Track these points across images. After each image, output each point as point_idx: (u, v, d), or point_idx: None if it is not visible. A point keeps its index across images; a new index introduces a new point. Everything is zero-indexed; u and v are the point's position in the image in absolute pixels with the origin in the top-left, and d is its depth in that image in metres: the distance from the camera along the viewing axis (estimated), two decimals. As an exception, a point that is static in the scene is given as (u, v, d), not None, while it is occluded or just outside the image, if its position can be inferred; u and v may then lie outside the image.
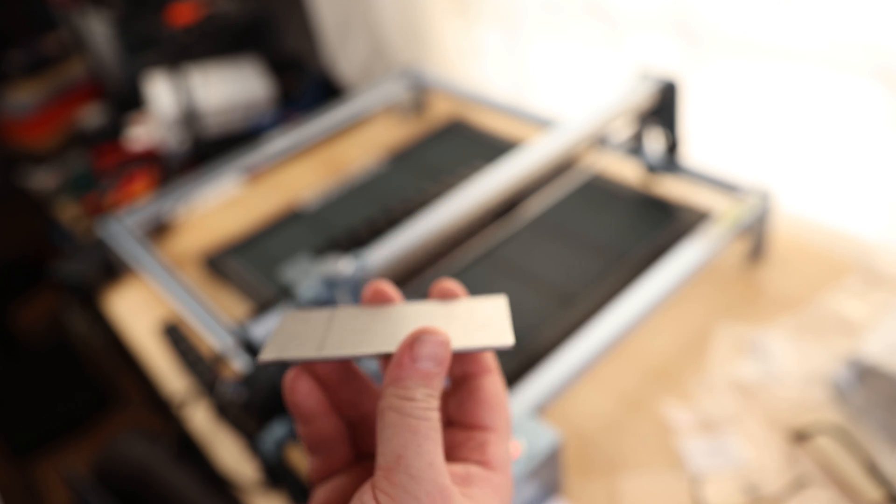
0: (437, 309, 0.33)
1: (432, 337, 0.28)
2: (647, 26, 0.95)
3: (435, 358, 0.28)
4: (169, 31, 1.37)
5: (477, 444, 0.31)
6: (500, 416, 0.32)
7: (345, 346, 0.31)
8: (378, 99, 1.20)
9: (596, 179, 0.95)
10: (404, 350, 0.28)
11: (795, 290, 0.80)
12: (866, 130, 0.81)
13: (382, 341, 0.31)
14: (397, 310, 0.33)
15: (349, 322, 0.33)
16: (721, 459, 0.65)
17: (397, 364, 0.28)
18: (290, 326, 0.33)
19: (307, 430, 0.32)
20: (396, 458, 0.26)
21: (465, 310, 0.33)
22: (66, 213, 1.30)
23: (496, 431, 0.31)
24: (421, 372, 0.28)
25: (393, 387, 0.28)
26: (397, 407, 0.27)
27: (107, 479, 0.86)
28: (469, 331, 0.31)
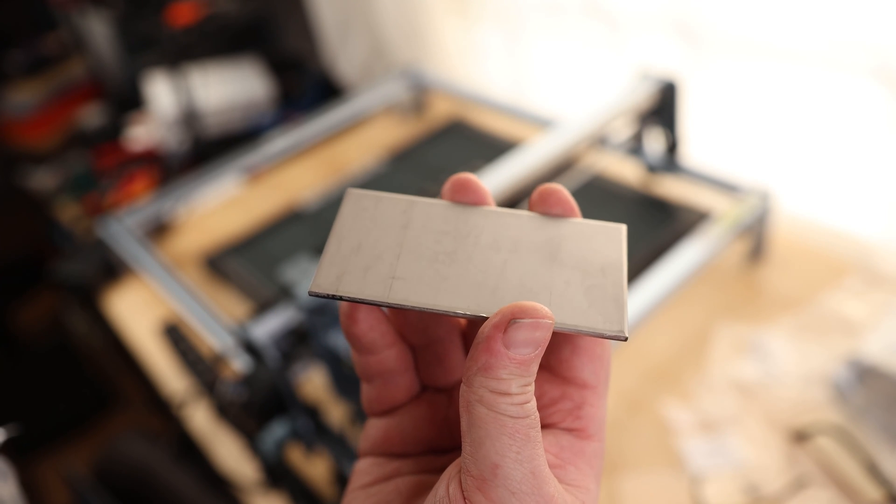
0: (540, 234, 0.26)
1: (532, 320, 0.22)
2: (647, 27, 0.95)
3: (534, 343, 0.22)
4: (169, 31, 1.37)
5: (573, 404, 0.26)
6: (600, 369, 0.26)
7: (420, 287, 0.24)
8: (378, 99, 1.20)
9: (596, 179, 0.95)
10: (495, 332, 0.22)
11: (795, 290, 0.80)
12: (866, 130, 0.80)
13: (470, 291, 0.24)
14: (488, 225, 0.26)
15: (427, 236, 0.26)
16: (721, 459, 0.65)
17: (487, 349, 0.22)
18: (354, 226, 0.27)
19: (365, 360, 0.27)
20: (492, 467, 0.22)
21: (576, 244, 0.26)
22: (66, 213, 1.30)
23: (595, 390, 0.26)
24: (517, 360, 0.22)
25: (482, 376, 0.22)
26: (489, 402, 0.22)
27: (107, 479, 0.86)
28: (577, 294, 0.24)
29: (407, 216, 0.27)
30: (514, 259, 0.25)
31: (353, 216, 0.27)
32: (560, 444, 0.25)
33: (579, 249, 0.26)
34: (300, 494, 0.69)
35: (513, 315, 0.22)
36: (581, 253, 0.26)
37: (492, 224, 0.27)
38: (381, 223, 0.27)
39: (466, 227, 0.26)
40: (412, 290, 0.25)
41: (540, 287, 0.25)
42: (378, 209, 0.27)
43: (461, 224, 0.27)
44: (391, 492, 0.26)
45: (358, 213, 0.27)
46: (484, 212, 0.27)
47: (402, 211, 0.27)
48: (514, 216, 0.27)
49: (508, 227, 0.26)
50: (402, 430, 0.27)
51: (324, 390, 0.76)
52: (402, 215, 0.27)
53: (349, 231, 0.26)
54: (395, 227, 0.27)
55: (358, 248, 0.26)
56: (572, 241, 0.26)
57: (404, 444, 0.27)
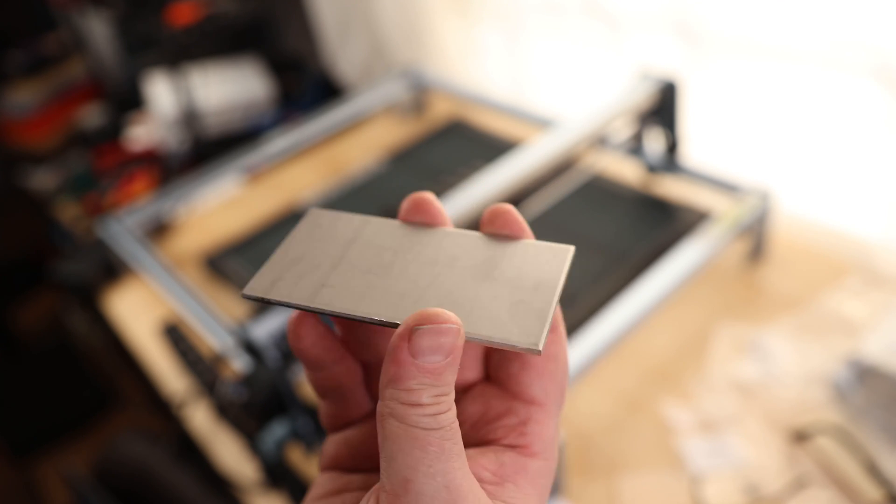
0: (482, 252, 0.26)
1: (437, 325, 0.21)
2: (647, 27, 0.95)
3: (441, 350, 0.21)
4: (169, 31, 1.37)
5: (517, 420, 0.25)
6: (550, 386, 0.25)
7: (345, 296, 0.25)
8: (378, 99, 1.20)
9: (596, 179, 0.95)
10: (401, 341, 0.21)
11: (795, 290, 0.80)
12: (866, 131, 0.81)
13: (392, 301, 0.24)
14: (433, 243, 0.26)
15: (370, 252, 0.26)
16: (721, 459, 0.65)
17: (394, 359, 0.21)
18: (303, 240, 0.27)
19: (316, 376, 0.27)
20: (404, 482, 0.21)
21: (516, 262, 0.25)
22: (66, 213, 1.30)
23: (543, 406, 0.25)
24: (425, 369, 0.21)
25: (392, 388, 0.21)
26: (399, 415, 0.21)
27: (107, 479, 0.86)
28: (500, 307, 0.24)
29: (356, 233, 0.27)
30: (448, 273, 0.25)
31: (306, 232, 0.28)
32: (500, 460, 0.24)
33: (518, 268, 0.25)
34: (300, 494, 0.69)
35: (416, 322, 0.22)
36: (518, 271, 0.25)
37: (436, 242, 0.27)
38: (329, 239, 0.27)
39: (410, 244, 0.27)
40: (337, 298, 0.25)
41: (464, 300, 0.24)
42: (332, 226, 0.28)
43: (406, 241, 0.27)
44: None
45: (312, 230, 0.28)
46: (433, 231, 0.27)
47: (353, 228, 0.28)
48: (461, 236, 0.27)
49: (452, 244, 0.27)
50: (352, 446, 0.27)
51: (324, 390, 0.76)
52: (352, 232, 0.27)
53: (297, 244, 0.27)
54: (342, 242, 0.27)
55: (300, 259, 0.26)
56: (512, 260, 0.26)
57: (354, 460, 0.27)
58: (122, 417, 1.75)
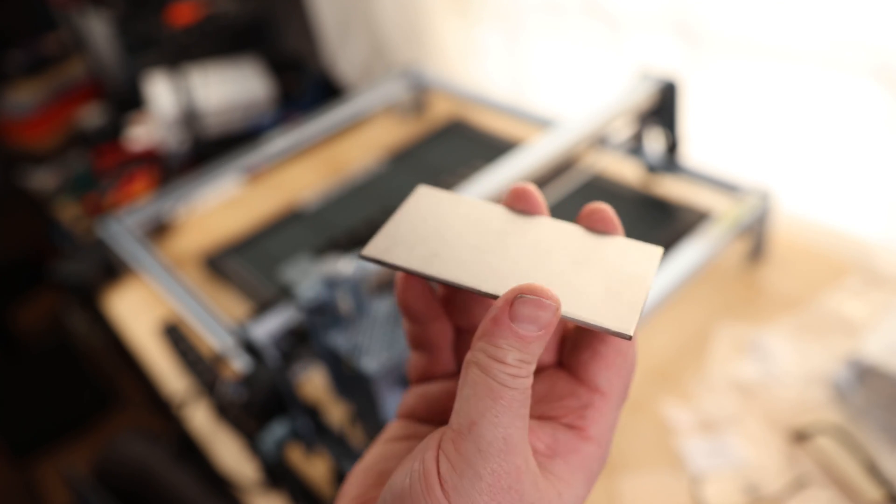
0: (579, 242, 0.28)
1: (538, 299, 0.24)
2: (647, 27, 0.95)
3: (537, 322, 0.23)
4: (169, 31, 1.37)
5: (578, 403, 0.27)
6: (616, 378, 0.27)
7: (454, 266, 0.27)
8: (378, 99, 1.20)
9: (596, 179, 0.95)
10: (504, 305, 0.24)
11: (795, 290, 0.80)
12: (866, 130, 0.81)
13: (496, 275, 0.27)
14: (534, 229, 0.29)
15: (477, 230, 0.29)
16: (721, 459, 0.65)
17: (493, 319, 0.24)
18: (415, 212, 0.30)
19: (413, 328, 0.30)
20: (469, 424, 0.23)
21: (609, 255, 0.27)
22: (66, 213, 1.30)
23: (605, 396, 0.27)
24: (518, 334, 0.23)
25: (483, 341, 0.24)
26: (484, 365, 0.23)
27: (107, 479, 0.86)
28: (596, 293, 0.26)
29: (464, 212, 0.30)
30: (548, 257, 0.27)
31: (415, 206, 0.30)
32: (555, 436, 0.26)
33: (612, 261, 0.27)
34: (300, 494, 0.69)
35: (521, 291, 0.24)
36: (613, 264, 0.27)
37: (538, 228, 0.29)
38: (438, 215, 0.30)
39: (514, 228, 0.29)
40: (447, 267, 0.27)
41: (563, 282, 0.26)
42: (441, 204, 0.30)
43: (510, 225, 0.29)
44: (404, 449, 0.27)
45: (420, 205, 0.30)
46: (535, 219, 0.29)
47: (460, 207, 0.30)
48: (560, 225, 0.29)
49: (553, 232, 0.29)
50: (430, 400, 0.29)
51: (324, 390, 0.76)
52: (460, 211, 0.30)
53: (408, 216, 0.30)
54: (450, 219, 0.29)
55: (412, 230, 0.29)
56: (607, 253, 0.28)
57: (429, 413, 0.29)
58: (122, 417, 1.75)
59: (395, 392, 0.59)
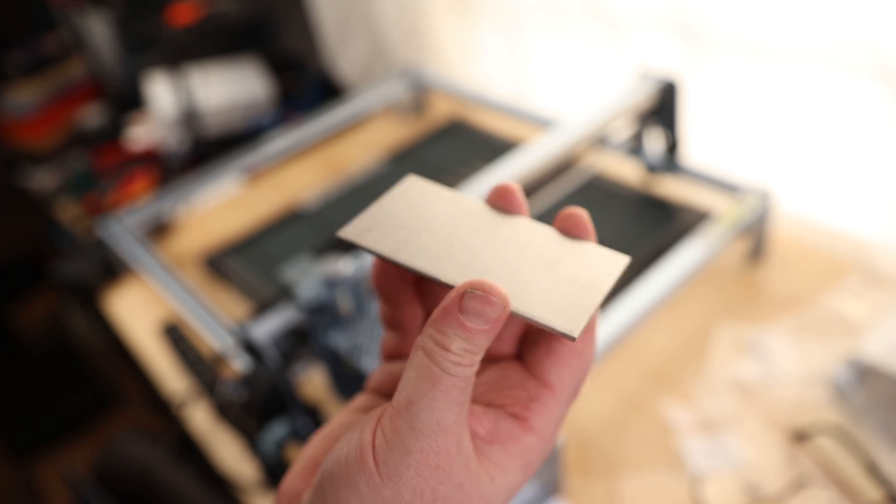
0: (548, 244, 0.29)
1: (486, 295, 0.25)
2: (647, 26, 0.95)
3: (483, 316, 0.24)
4: (169, 31, 1.37)
5: (526, 395, 0.28)
6: (568, 376, 0.28)
7: (423, 255, 0.28)
8: (378, 99, 1.20)
9: (596, 179, 0.95)
10: (454, 296, 0.25)
11: (795, 290, 0.80)
12: (866, 130, 0.81)
13: (459, 268, 0.28)
14: (508, 228, 0.29)
15: (452, 223, 0.30)
16: (721, 459, 0.65)
17: (444, 308, 0.25)
18: (399, 200, 0.31)
19: (386, 309, 0.31)
20: (407, 403, 0.25)
21: (575, 259, 0.28)
22: (66, 213, 1.30)
23: (554, 391, 0.28)
24: (464, 325, 0.24)
25: (432, 328, 0.25)
26: (429, 350, 0.25)
27: (107, 479, 0.86)
28: (552, 293, 0.27)
29: (445, 206, 0.31)
30: (514, 256, 0.28)
31: (401, 195, 0.31)
32: (498, 423, 0.27)
33: (576, 265, 0.28)
34: (300, 494, 0.69)
35: (471, 286, 0.25)
36: (576, 268, 0.28)
37: (512, 228, 0.30)
38: (420, 205, 0.31)
39: (488, 225, 0.30)
40: (415, 255, 0.28)
41: (522, 280, 0.27)
42: (424, 195, 0.31)
43: (486, 222, 0.30)
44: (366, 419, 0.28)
45: (406, 194, 0.31)
46: (513, 218, 0.30)
47: (443, 201, 0.31)
48: (535, 226, 0.30)
49: (525, 233, 0.29)
50: (396, 377, 0.31)
51: (324, 390, 0.76)
52: (441, 203, 0.31)
53: (391, 204, 0.31)
54: (431, 210, 0.30)
55: (391, 216, 0.30)
56: (573, 258, 0.28)
57: (393, 389, 0.30)
58: (122, 417, 1.75)
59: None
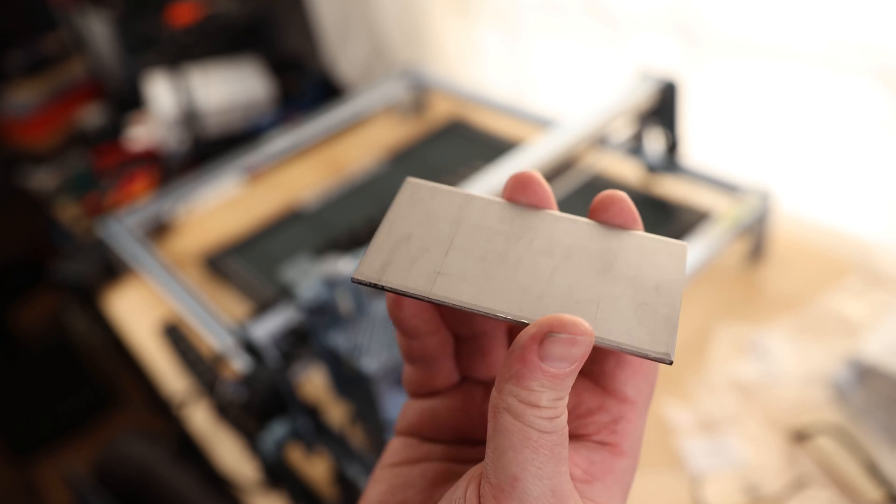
0: (596, 243, 0.25)
1: (573, 336, 0.21)
2: (647, 26, 0.95)
3: (570, 358, 0.21)
4: (169, 31, 1.37)
5: (610, 417, 0.25)
6: (644, 385, 0.25)
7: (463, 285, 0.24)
8: (378, 99, 1.20)
9: (596, 179, 0.95)
10: (531, 343, 0.21)
11: (795, 290, 0.80)
12: (866, 130, 0.80)
13: (513, 294, 0.24)
14: (543, 228, 0.25)
15: (479, 234, 0.25)
16: (721, 459, 0.65)
17: (521, 358, 0.21)
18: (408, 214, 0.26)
19: (409, 344, 0.27)
20: (511, 479, 0.21)
21: (632, 258, 0.25)
22: (66, 213, 1.30)
23: (635, 405, 0.25)
24: (550, 373, 0.21)
25: (513, 384, 0.21)
26: (517, 412, 0.21)
27: (107, 479, 0.86)
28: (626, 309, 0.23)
29: (461, 211, 0.26)
30: (566, 266, 0.25)
31: (407, 206, 0.26)
32: (591, 458, 0.24)
33: (636, 264, 0.25)
34: (300, 494, 0.69)
35: (550, 328, 0.21)
36: (637, 267, 0.25)
37: (548, 228, 0.26)
38: (434, 216, 0.26)
39: (521, 229, 0.26)
40: (455, 287, 0.24)
41: (588, 298, 0.24)
42: (433, 201, 0.26)
43: (516, 225, 0.26)
44: (417, 475, 0.26)
45: (412, 204, 0.26)
46: (542, 214, 0.26)
47: (457, 205, 0.26)
48: (572, 222, 0.26)
49: (565, 232, 0.26)
50: (436, 416, 0.27)
51: (324, 390, 0.76)
52: (456, 209, 0.26)
53: (401, 220, 0.26)
54: (448, 221, 0.26)
55: (407, 238, 0.25)
56: (629, 255, 0.25)
57: (436, 430, 0.27)
58: (122, 417, 1.75)
59: (395, 392, 0.59)
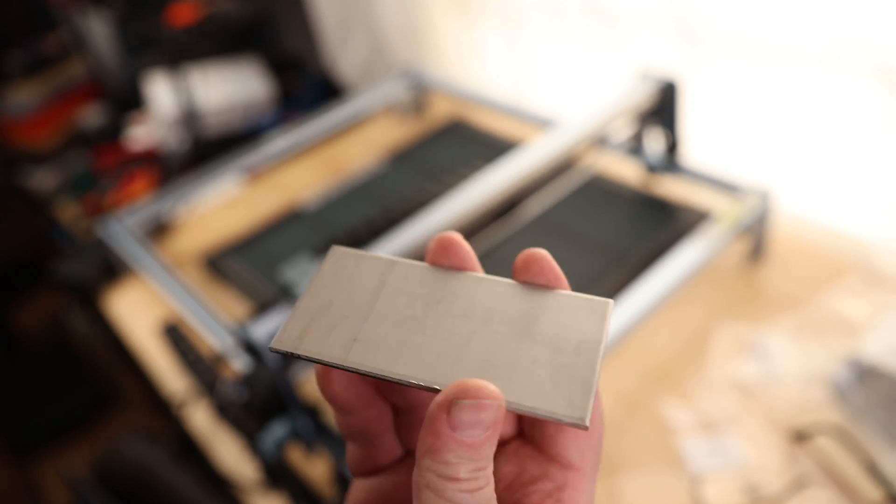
0: (517, 305, 0.25)
1: (479, 401, 0.21)
2: (647, 26, 0.95)
3: (481, 425, 0.21)
4: (169, 31, 1.37)
5: (553, 486, 0.24)
6: (587, 449, 0.25)
7: (380, 354, 0.24)
8: (378, 99, 1.20)
9: (596, 179, 0.95)
10: (440, 412, 0.21)
11: (795, 290, 0.80)
12: (866, 130, 0.81)
13: (426, 360, 0.23)
14: (465, 291, 0.25)
15: (400, 300, 0.25)
16: (721, 459, 0.65)
17: (432, 431, 0.21)
18: (331, 283, 0.26)
19: (345, 420, 0.26)
20: None
21: (553, 318, 0.24)
22: (66, 213, 1.30)
23: (580, 471, 0.24)
24: (464, 443, 0.21)
25: (429, 459, 0.21)
26: (436, 488, 0.21)
27: (107, 479, 0.86)
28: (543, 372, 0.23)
29: (384, 277, 0.26)
30: (484, 330, 0.24)
31: (330, 274, 0.27)
32: None
33: (557, 324, 0.24)
34: (300, 494, 0.69)
35: (455, 395, 0.21)
36: (558, 328, 0.24)
37: (469, 291, 0.26)
38: (356, 283, 0.26)
39: (441, 293, 0.26)
40: (370, 355, 0.24)
41: (504, 362, 0.23)
42: (357, 268, 0.27)
43: (437, 289, 0.26)
44: None
45: (336, 271, 0.27)
46: (463, 277, 0.26)
47: (380, 272, 0.26)
48: (494, 283, 0.26)
49: (486, 294, 0.25)
50: (384, 495, 0.26)
51: (324, 390, 0.76)
52: (379, 276, 0.26)
53: (323, 288, 0.26)
54: (370, 287, 0.26)
55: (328, 306, 0.25)
56: (551, 315, 0.25)
57: None
58: (122, 417, 1.75)
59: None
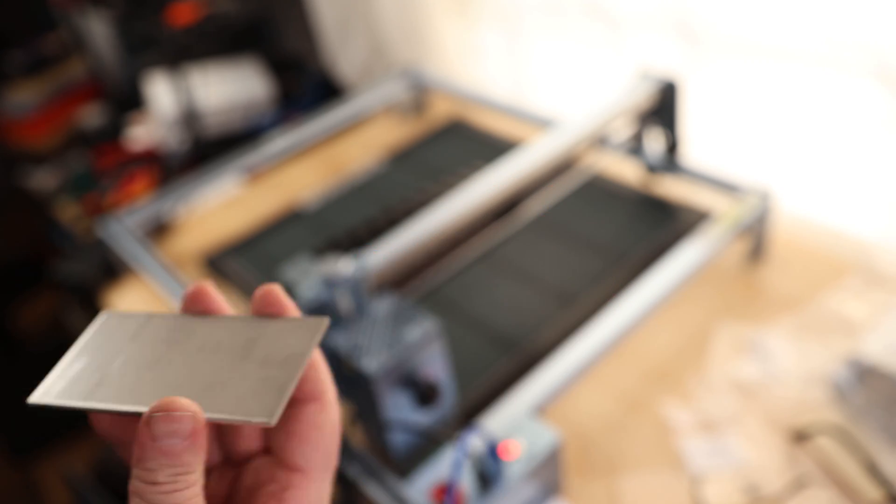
0: (244, 334, 0.28)
1: (170, 413, 0.24)
2: (647, 26, 0.95)
3: (178, 434, 0.24)
4: (169, 31, 1.37)
5: (277, 487, 0.27)
6: (313, 453, 0.28)
7: (116, 393, 0.27)
8: (378, 99, 1.20)
9: (596, 179, 0.95)
10: (143, 427, 0.24)
11: (795, 290, 0.80)
12: (866, 130, 0.81)
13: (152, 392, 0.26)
14: (204, 330, 0.29)
15: (146, 347, 0.29)
16: (721, 459, 0.65)
17: (138, 443, 0.24)
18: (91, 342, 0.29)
19: (122, 452, 0.29)
20: None
21: (271, 340, 0.28)
22: (66, 213, 1.30)
23: (304, 473, 0.28)
24: (163, 450, 0.24)
25: (136, 467, 0.24)
26: (140, 492, 0.24)
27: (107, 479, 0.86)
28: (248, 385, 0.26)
29: (140, 329, 0.29)
30: (210, 360, 0.27)
31: (93, 333, 0.30)
32: None
33: (273, 344, 0.27)
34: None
35: (153, 410, 0.24)
36: (273, 347, 0.27)
37: (207, 330, 0.29)
38: (114, 338, 0.29)
39: (184, 335, 0.29)
40: (108, 395, 0.27)
41: (218, 382, 0.26)
42: (119, 326, 0.30)
43: (182, 332, 0.29)
44: None
45: (100, 331, 0.30)
46: (207, 319, 0.29)
47: (138, 325, 0.30)
48: (230, 320, 0.29)
49: (220, 330, 0.29)
50: None
51: (324, 390, 0.76)
52: (136, 329, 0.29)
53: (84, 346, 0.29)
54: (125, 340, 0.29)
55: (85, 361, 0.28)
56: (270, 338, 0.28)
57: None
58: (122, 417, 1.75)
59: (396, 392, 0.59)
